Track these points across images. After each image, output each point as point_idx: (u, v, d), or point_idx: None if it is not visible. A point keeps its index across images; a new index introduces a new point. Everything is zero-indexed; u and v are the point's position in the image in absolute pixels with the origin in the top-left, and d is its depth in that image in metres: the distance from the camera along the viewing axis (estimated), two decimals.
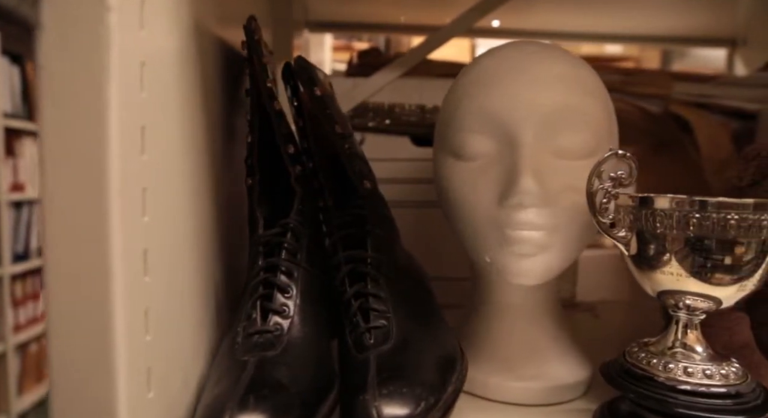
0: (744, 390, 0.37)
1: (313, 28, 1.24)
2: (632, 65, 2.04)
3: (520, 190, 0.42)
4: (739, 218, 0.35)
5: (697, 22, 1.26)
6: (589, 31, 1.36)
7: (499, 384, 0.50)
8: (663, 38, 1.34)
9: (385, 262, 0.44)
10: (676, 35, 1.33)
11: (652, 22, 1.27)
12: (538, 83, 0.45)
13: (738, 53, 1.26)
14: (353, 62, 0.99)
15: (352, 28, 1.26)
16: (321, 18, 1.21)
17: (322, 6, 1.16)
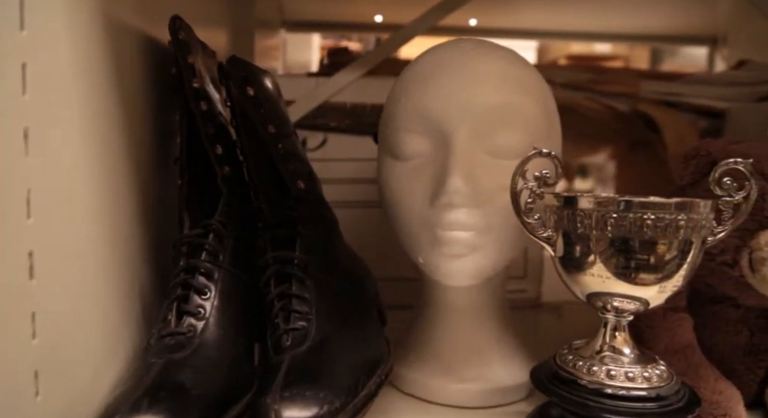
0: (666, 393, 0.37)
1: (290, 27, 1.23)
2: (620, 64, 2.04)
3: (449, 190, 0.41)
4: (655, 217, 0.34)
5: (679, 21, 1.25)
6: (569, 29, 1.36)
7: (439, 386, 0.49)
8: (644, 36, 1.34)
9: (315, 263, 0.44)
10: (657, 33, 1.32)
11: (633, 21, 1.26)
12: (473, 81, 0.44)
13: (718, 51, 1.25)
14: (323, 62, 0.99)
15: (331, 28, 1.26)
16: (298, 17, 1.21)
17: (297, 5, 1.16)
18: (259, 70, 0.48)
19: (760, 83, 0.84)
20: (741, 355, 0.49)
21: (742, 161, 0.38)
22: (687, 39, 1.34)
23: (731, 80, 0.84)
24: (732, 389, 0.45)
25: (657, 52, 2.13)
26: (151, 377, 0.32)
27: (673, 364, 0.47)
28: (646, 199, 0.35)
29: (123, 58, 0.39)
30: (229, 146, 0.45)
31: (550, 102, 0.48)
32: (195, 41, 0.45)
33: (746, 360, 0.48)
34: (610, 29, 1.29)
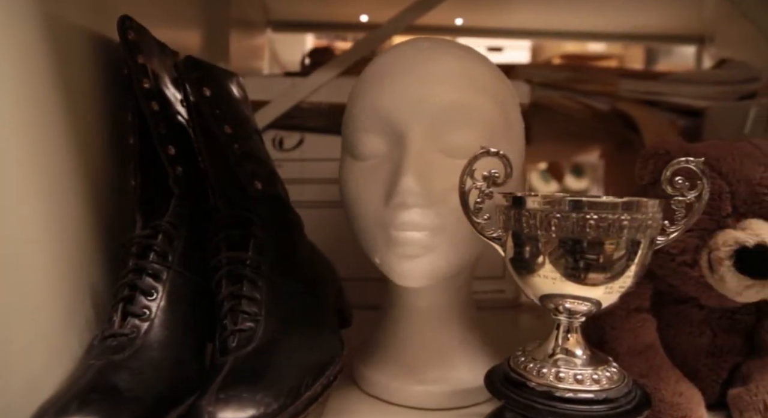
0: (615, 395, 0.36)
1: (276, 27, 1.23)
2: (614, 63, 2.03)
3: (402, 190, 0.41)
4: (598, 218, 0.34)
5: (667, 20, 1.25)
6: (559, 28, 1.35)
7: (400, 388, 0.49)
8: (632, 35, 1.33)
9: (269, 264, 0.43)
10: (645, 33, 1.32)
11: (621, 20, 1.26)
12: (427, 81, 0.44)
13: (706, 50, 1.25)
14: (305, 62, 0.98)
15: (316, 28, 1.26)
16: (283, 17, 1.21)
17: (282, 5, 1.16)
18: (217, 70, 0.48)
19: (739, 82, 0.83)
20: (704, 356, 0.48)
21: (693, 160, 0.37)
22: (675, 38, 1.33)
23: (711, 79, 0.84)
24: (693, 391, 0.45)
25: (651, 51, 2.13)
26: (86, 379, 0.32)
27: (635, 365, 0.46)
28: (592, 199, 0.35)
29: (69, 59, 0.39)
30: (183, 147, 0.45)
31: (510, 102, 0.48)
32: (149, 41, 0.45)
33: (709, 361, 0.48)
34: (597, 28, 1.29)
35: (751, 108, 0.72)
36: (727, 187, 0.43)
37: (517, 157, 0.48)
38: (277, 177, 0.51)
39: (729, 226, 0.43)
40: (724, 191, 0.43)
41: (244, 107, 0.52)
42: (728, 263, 0.41)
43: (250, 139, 0.50)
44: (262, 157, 0.50)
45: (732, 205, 0.43)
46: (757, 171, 0.42)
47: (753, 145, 0.44)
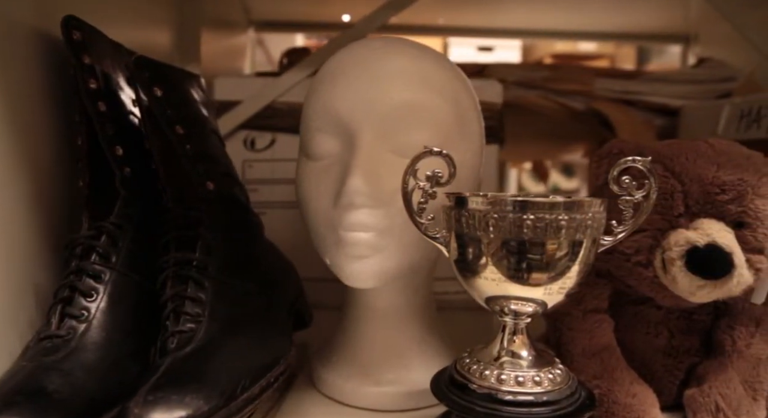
0: (557, 397, 0.36)
1: (259, 27, 1.23)
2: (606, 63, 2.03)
3: (349, 190, 0.41)
4: (534, 218, 0.33)
5: (652, 19, 1.24)
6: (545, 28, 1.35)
7: (354, 389, 0.49)
8: (617, 34, 1.32)
9: (218, 265, 0.43)
10: (630, 32, 1.31)
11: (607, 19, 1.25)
12: (378, 80, 0.43)
13: (691, 49, 1.24)
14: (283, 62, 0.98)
15: (299, 28, 1.25)
16: (265, 17, 1.20)
17: (264, 5, 1.15)
18: (171, 70, 0.48)
19: (717, 81, 0.83)
20: (661, 357, 0.48)
21: (640, 159, 0.37)
22: (661, 37, 1.33)
23: (688, 78, 0.83)
24: (647, 393, 0.44)
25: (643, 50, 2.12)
26: (14, 380, 0.32)
27: (590, 366, 0.46)
28: (532, 200, 0.34)
29: (13, 58, 0.39)
30: (136, 147, 0.45)
31: (466, 101, 0.47)
32: (99, 41, 0.44)
33: (666, 362, 0.48)
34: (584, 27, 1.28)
35: (724, 107, 0.71)
36: (680, 187, 0.42)
37: (472, 157, 0.47)
38: (233, 178, 0.51)
39: (682, 226, 0.42)
40: (676, 191, 0.42)
41: (202, 108, 0.51)
42: (680, 263, 0.41)
43: (206, 140, 0.49)
44: (219, 158, 0.50)
45: (685, 204, 0.42)
46: (709, 170, 0.42)
47: (708, 144, 0.44)
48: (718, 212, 0.42)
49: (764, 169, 0.42)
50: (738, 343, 0.46)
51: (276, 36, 1.40)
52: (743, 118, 0.69)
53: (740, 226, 0.42)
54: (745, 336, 0.46)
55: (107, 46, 0.46)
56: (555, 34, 1.39)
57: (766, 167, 0.43)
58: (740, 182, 0.41)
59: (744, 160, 0.42)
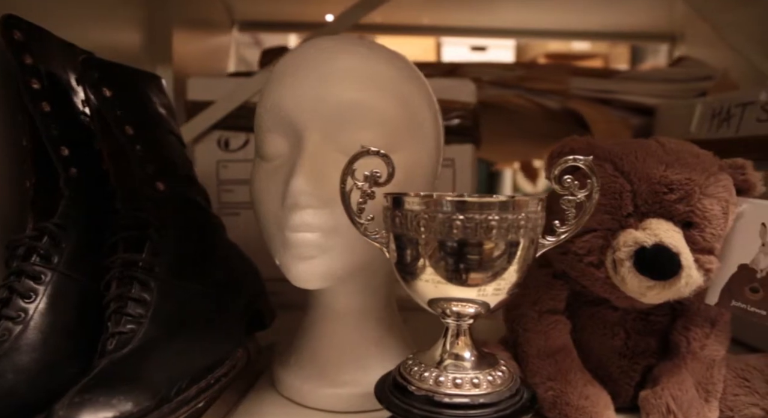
0: (494, 399, 0.35)
1: (243, 27, 1.23)
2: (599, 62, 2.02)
3: (293, 191, 0.41)
4: (464, 218, 0.33)
5: (639, 18, 1.24)
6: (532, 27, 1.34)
7: (311, 390, 0.49)
8: (604, 34, 1.31)
9: (167, 266, 0.43)
10: (617, 31, 1.30)
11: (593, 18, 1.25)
12: (325, 80, 0.43)
13: (677, 48, 1.23)
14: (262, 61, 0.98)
15: (283, 28, 1.25)
16: (249, 17, 1.20)
17: (247, 5, 1.15)
18: (123, 70, 0.48)
19: (693, 80, 0.82)
20: (617, 358, 0.47)
21: (581, 158, 0.36)
22: (647, 36, 1.32)
23: (664, 77, 0.82)
24: (600, 395, 0.44)
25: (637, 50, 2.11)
26: None
27: (544, 368, 0.46)
28: (462, 199, 0.34)
29: None
30: (82, 147, 0.44)
31: (419, 101, 0.47)
32: (45, 41, 0.44)
33: (622, 363, 0.47)
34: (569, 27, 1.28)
35: (696, 106, 0.71)
36: (629, 186, 0.42)
37: (426, 158, 0.47)
38: (191, 180, 0.51)
39: (631, 226, 0.42)
40: (625, 190, 0.42)
41: (159, 108, 0.51)
42: (628, 264, 0.41)
43: (161, 141, 0.49)
44: (175, 159, 0.50)
45: (634, 204, 0.42)
46: (658, 170, 0.41)
47: (658, 143, 0.43)
48: (667, 211, 0.41)
49: (712, 168, 0.42)
50: (692, 344, 0.45)
51: (273, 36, 1.40)
52: (714, 117, 0.68)
53: (689, 226, 0.41)
54: (700, 337, 0.45)
55: (54, 45, 0.46)
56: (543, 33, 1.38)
57: (714, 167, 0.42)
58: (688, 182, 0.41)
59: (693, 160, 0.42)
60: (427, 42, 2.07)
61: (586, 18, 1.25)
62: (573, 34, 1.35)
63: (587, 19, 1.26)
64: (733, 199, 0.42)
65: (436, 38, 2.02)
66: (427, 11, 1.26)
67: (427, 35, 1.97)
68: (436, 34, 1.90)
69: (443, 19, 1.35)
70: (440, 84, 0.76)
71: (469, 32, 1.44)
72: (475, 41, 1.99)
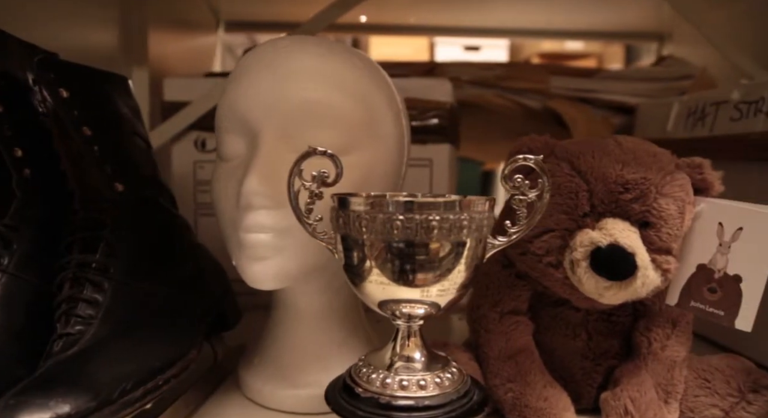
0: (439, 402, 0.35)
1: (230, 28, 1.23)
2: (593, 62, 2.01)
3: (246, 191, 0.40)
4: (404, 218, 0.33)
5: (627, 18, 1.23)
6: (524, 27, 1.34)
7: (272, 392, 0.48)
8: (592, 33, 1.31)
9: (123, 267, 0.43)
10: (605, 30, 1.30)
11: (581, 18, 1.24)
12: (281, 79, 0.43)
13: (665, 47, 1.23)
14: None
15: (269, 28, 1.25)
16: (235, 18, 1.20)
17: (232, 6, 1.15)
18: (81, 70, 0.47)
19: (673, 79, 0.82)
20: (579, 359, 0.47)
21: (531, 157, 0.36)
22: (636, 36, 1.32)
23: (644, 76, 0.82)
24: (560, 396, 0.44)
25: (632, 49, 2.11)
26: None
27: (504, 369, 0.45)
28: (404, 200, 0.34)
29: None
30: (39, 148, 0.44)
31: (379, 101, 0.46)
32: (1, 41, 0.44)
33: (584, 365, 0.47)
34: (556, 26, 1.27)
35: (673, 105, 0.70)
36: (585, 186, 0.41)
37: (385, 157, 0.47)
38: (153, 180, 0.51)
39: (588, 226, 0.41)
40: (581, 190, 0.41)
41: (121, 109, 0.51)
42: (584, 264, 0.40)
43: (122, 142, 0.49)
44: (137, 160, 0.50)
45: (590, 204, 0.41)
46: (614, 169, 0.41)
47: (616, 142, 0.43)
48: (623, 211, 0.41)
49: (669, 167, 0.41)
50: (653, 345, 0.45)
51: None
52: (690, 116, 0.68)
53: (646, 225, 0.41)
54: (661, 338, 0.45)
55: (12, 45, 0.46)
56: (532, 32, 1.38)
57: (671, 166, 0.42)
58: (644, 181, 0.40)
59: (649, 159, 0.41)
60: (420, 42, 2.07)
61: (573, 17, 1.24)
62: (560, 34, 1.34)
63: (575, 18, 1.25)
64: (690, 198, 0.41)
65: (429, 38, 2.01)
66: (420, 11, 1.26)
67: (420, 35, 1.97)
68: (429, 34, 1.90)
69: (436, 19, 1.34)
70: (417, 84, 0.76)
71: (463, 32, 1.43)
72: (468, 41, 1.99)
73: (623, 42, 1.62)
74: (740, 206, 0.40)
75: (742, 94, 0.60)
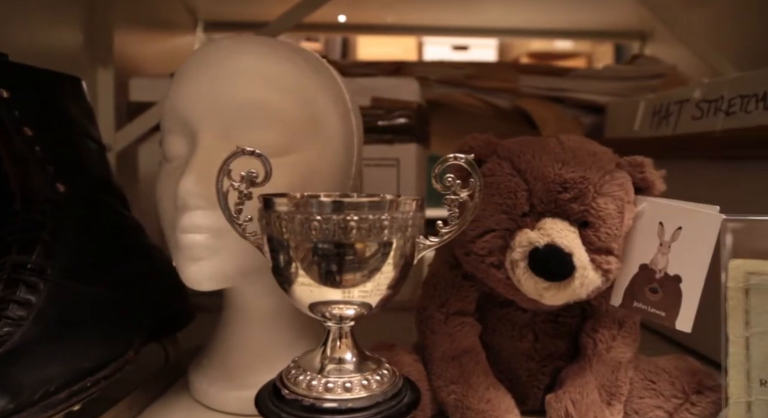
0: (363, 404, 0.35)
1: (208, 28, 1.22)
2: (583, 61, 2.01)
3: (181, 192, 0.40)
4: (321, 219, 0.32)
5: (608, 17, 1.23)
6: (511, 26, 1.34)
7: (218, 393, 0.48)
8: (575, 32, 1.30)
9: (62, 268, 0.42)
10: (587, 29, 1.30)
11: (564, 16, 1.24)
12: (220, 79, 0.43)
13: (647, 46, 1.22)
14: None
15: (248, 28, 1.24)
16: (213, 18, 1.20)
17: (210, 6, 1.15)
18: (24, 70, 0.47)
19: (644, 78, 0.81)
20: (525, 360, 0.46)
21: (462, 156, 0.36)
22: (618, 35, 1.31)
23: (616, 75, 0.81)
24: (502, 398, 0.43)
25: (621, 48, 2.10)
26: None
27: (448, 371, 0.45)
28: (322, 200, 0.34)
29: None
30: None
31: (322, 100, 0.46)
32: None
33: (530, 366, 0.46)
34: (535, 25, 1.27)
35: (640, 104, 0.70)
36: (525, 185, 0.41)
37: (329, 157, 0.46)
38: (102, 181, 0.50)
39: (528, 226, 0.41)
40: (520, 189, 0.41)
41: (70, 110, 0.51)
42: (523, 265, 0.40)
43: (68, 142, 0.49)
44: (83, 160, 0.49)
45: (530, 203, 0.41)
46: (553, 168, 0.40)
47: (557, 140, 0.42)
48: (562, 211, 0.40)
49: (608, 166, 0.41)
50: (599, 346, 0.44)
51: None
52: (655, 115, 0.67)
53: (585, 225, 0.40)
54: (607, 339, 0.45)
55: None
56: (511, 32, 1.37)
57: (611, 165, 0.41)
58: (582, 180, 0.40)
59: (589, 158, 0.41)
60: (408, 42, 2.06)
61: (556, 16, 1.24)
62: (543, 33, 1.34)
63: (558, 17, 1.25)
64: (630, 197, 0.41)
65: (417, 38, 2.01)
66: (408, 11, 1.26)
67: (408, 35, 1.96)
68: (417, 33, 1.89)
69: (425, 19, 1.34)
70: (384, 83, 0.76)
71: (451, 32, 1.43)
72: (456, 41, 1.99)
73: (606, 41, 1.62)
74: (679, 206, 0.40)
75: (703, 92, 0.60)
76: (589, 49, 2.06)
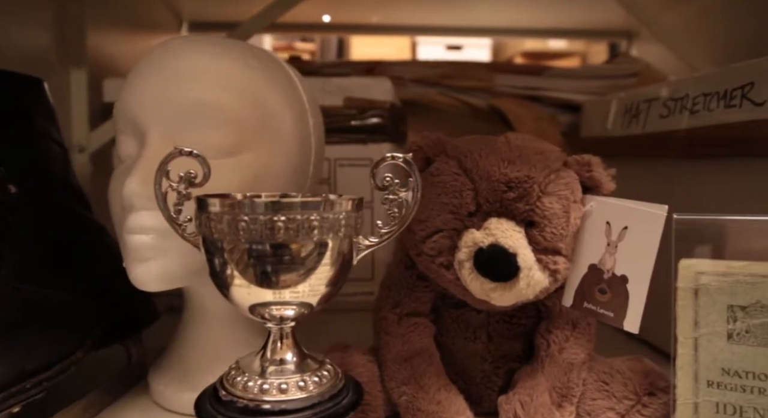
0: (298, 406, 0.34)
1: (193, 28, 1.22)
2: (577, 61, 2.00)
3: (126, 192, 0.40)
4: (248, 219, 0.32)
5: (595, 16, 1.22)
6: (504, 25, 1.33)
7: (173, 394, 0.48)
8: (565, 32, 1.30)
9: (10, 269, 0.42)
10: (573, 28, 1.29)
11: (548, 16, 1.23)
12: (168, 79, 0.43)
13: (633, 45, 1.22)
14: None
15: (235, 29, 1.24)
16: (198, 18, 1.20)
17: (195, 6, 1.15)
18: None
19: (622, 76, 0.81)
20: (479, 362, 0.46)
21: (400, 156, 0.36)
22: (605, 34, 1.30)
23: (593, 74, 0.81)
24: (453, 400, 0.43)
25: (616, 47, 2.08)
26: None
27: (399, 372, 0.45)
28: (252, 200, 0.33)
29: None
30: None
31: (273, 101, 0.46)
32: None
33: (484, 367, 0.46)
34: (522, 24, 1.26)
35: (612, 102, 0.69)
36: (470, 185, 0.41)
37: (282, 158, 0.46)
38: (62, 182, 0.51)
39: (474, 226, 0.41)
40: (466, 188, 0.41)
41: (27, 111, 0.51)
42: (468, 265, 0.39)
43: (24, 144, 0.49)
44: (40, 162, 0.50)
45: (476, 203, 0.41)
46: (498, 167, 0.40)
47: (506, 139, 0.42)
48: (508, 210, 0.40)
49: (555, 165, 0.40)
50: (552, 347, 0.44)
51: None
52: (626, 113, 0.67)
53: (531, 225, 0.40)
54: (560, 340, 0.44)
55: None
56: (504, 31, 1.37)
57: (558, 163, 0.41)
58: (527, 179, 0.39)
59: (535, 157, 0.40)
60: (401, 41, 2.06)
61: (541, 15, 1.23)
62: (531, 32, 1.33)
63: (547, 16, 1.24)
64: (576, 197, 0.41)
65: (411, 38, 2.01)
66: (402, 10, 1.25)
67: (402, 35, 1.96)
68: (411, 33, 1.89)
69: (418, 19, 1.34)
70: (356, 83, 0.76)
71: (445, 31, 1.43)
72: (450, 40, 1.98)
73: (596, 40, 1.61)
74: (625, 205, 0.39)
75: (670, 91, 0.59)
76: (583, 48, 2.05)
